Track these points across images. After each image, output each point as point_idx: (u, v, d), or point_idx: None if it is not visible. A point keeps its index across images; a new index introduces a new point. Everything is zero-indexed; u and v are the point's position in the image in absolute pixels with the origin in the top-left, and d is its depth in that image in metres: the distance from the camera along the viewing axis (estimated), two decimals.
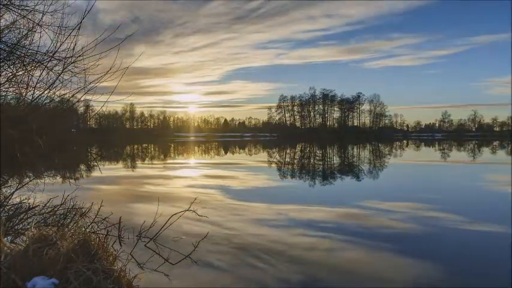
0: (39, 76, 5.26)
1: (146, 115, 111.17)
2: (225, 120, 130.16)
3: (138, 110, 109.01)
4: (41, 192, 7.42)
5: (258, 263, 4.93)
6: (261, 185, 12.66)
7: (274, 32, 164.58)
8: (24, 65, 5.35)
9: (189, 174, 16.10)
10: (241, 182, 13.21)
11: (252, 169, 18.84)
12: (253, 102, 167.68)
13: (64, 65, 5.08)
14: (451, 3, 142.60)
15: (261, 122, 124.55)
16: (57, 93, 5.47)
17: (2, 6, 5.20)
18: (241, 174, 15.88)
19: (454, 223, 6.99)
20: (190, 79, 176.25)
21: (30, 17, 5.24)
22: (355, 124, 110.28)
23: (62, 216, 5.69)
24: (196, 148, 44.82)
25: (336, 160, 25.64)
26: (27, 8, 5.22)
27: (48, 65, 5.11)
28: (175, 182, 13.40)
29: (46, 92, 5.33)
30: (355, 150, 38.94)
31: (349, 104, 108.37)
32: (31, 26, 5.29)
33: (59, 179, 14.05)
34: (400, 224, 6.91)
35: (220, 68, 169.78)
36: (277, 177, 15.21)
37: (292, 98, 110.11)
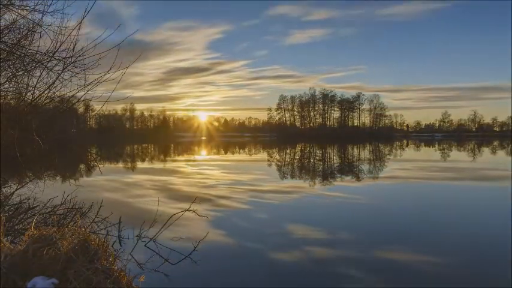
0: (39, 76, 5.26)
1: (146, 115, 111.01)
2: (225, 120, 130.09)
3: (138, 111, 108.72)
4: (41, 192, 7.42)
5: (260, 262, 4.93)
6: (259, 185, 12.67)
7: None
8: (24, 65, 5.34)
9: (188, 174, 16.09)
10: (240, 182, 13.21)
11: (252, 169, 18.84)
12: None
13: (64, 65, 5.06)
14: None
15: (261, 122, 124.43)
16: (57, 93, 5.47)
17: (2, 6, 5.19)
18: (241, 174, 15.88)
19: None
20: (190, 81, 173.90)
21: (30, 17, 5.22)
22: (355, 124, 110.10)
23: (62, 216, 5.70)
24: (195, 148, 44.80)
25: (336, 161, 25.64)
26: (27, 8, 5.20)
27: (48, 65, 5.10)
28: (175, 181, 13.39)
29: (46, 92, 5.32)
30: (354, 150, 38.94)
31: (349, 104, 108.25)
32: (31, 26, 5.28)
33: (58, 179, 14.06)
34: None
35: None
36: (277, 178, 15.22)
37: (292, 98, 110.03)
